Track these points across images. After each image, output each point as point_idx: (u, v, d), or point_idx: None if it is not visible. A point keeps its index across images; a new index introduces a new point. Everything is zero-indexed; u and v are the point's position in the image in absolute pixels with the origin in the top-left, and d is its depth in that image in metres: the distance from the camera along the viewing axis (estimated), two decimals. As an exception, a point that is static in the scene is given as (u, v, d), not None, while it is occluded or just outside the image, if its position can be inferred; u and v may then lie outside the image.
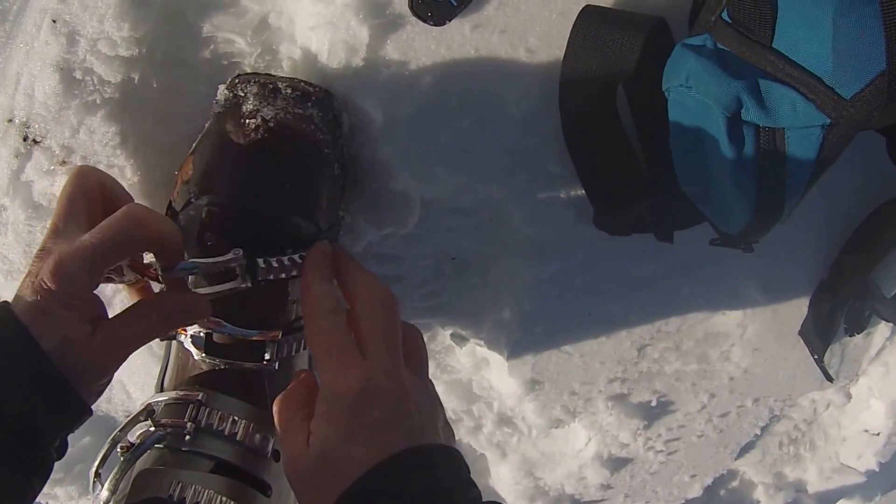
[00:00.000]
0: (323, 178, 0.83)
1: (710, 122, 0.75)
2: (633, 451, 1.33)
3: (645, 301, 1.12)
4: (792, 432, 1.48)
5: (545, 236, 1.02)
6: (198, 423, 0.76)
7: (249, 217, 0.78)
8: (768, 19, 0.70)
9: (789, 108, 0.70)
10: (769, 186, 0.75)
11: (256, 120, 0.78)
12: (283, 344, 0.81)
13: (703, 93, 0.74)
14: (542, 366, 1.15)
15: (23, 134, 0.88)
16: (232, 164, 0.78)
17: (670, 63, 0.80)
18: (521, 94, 0.91)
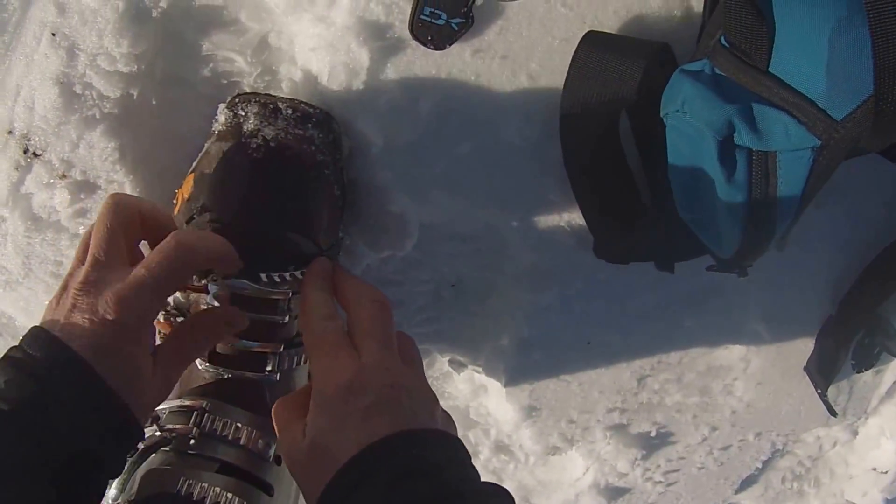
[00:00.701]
0: (323, 198, 0.83)
1: (703, 147, 0.75)
2: (630, 480, 1.31)
3: (646, 331, 1.11)
4: (796, 468, 1.46)
5: (545, 264, 1.01)
6: (203, 428, 0.77)
7: (251, 235, 0.78)
8: (764, 43, 0.69)
9: (782, 132, 0.69)
10: (760, 209, 0.74)
11: (258, 139, 0.78)
12: (285, 356, 0.83)
13: (697, 117, 0.73)
14: (539, 393, 1.14)
15: (23, 146, 0.87)
16: (233, 183, 0.79)
17: (668, 89, 0.79)
18: (522, 121, 0.90)
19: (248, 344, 0.80)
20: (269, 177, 0.79)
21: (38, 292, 0.97)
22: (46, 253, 0.94)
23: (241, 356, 0.81)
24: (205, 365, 0.80)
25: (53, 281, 0.96)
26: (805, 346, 1.19)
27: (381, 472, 0.59)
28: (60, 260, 0.94)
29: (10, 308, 1.02)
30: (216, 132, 0.83)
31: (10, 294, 0.98)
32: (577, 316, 1.06)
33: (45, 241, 0.93)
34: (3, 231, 0.93)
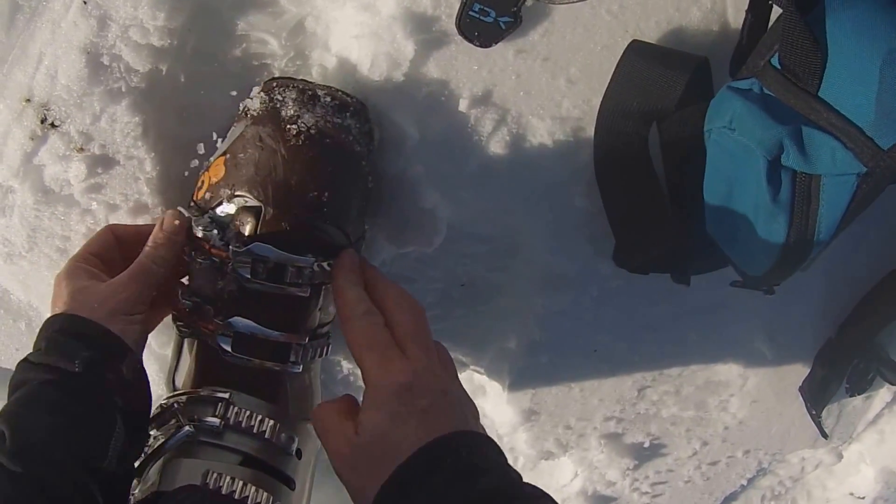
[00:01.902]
0: (357, 189, 0.83)
1: (749, 165, 0.75)
2: (618, 490, 1.32)
3: (651, 342, 1.12)
4: (776, 488, 1.48)
5: (561, 269, 1.01)
6: (226, 420, 0.77)
7: (282, 221, 0.78)
8: (818, 68, 0.70)
9: (828, 156, 0.70)
10: (800, 230, 0.75)
11: (297, 126, 0.77)
12: (308, 348, 0.83)
13: (747, 135, 0.74)
14: (541, 397, 1.14)
15: (41, 116, 0.85)
16: (270, 168, 0.78)
17: (714, 104, 0.80)
18: (556, 124, 0.90)
19: (271, 333, 0.80)
20: (307, 164, 0.78)
21: (41, 267, 0.95)
22: (54, 227, 0.91)
23: (264, 346, 0.80)
24: (229, 353, 0.80)
25: (58, 256, 0.93)
26: (802, 367, 1.20)
27: (445, 467, 0.61)
28: (68, 235, 0.92)
29: (8, 281, 1.00)
30: (250, 115, 0.81)
31: (10, 267, 0.96)
32: (588, 322, 1.07)
33: (55, 215, 0.91)
34: (10, 202, 0.91)
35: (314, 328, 0.84)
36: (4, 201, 0.90)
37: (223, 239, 0.79)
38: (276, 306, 0.80)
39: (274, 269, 0.78)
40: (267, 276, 0.78)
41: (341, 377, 1.10)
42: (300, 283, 0.79)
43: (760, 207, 0.76)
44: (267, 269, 0.78)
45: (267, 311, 0.80)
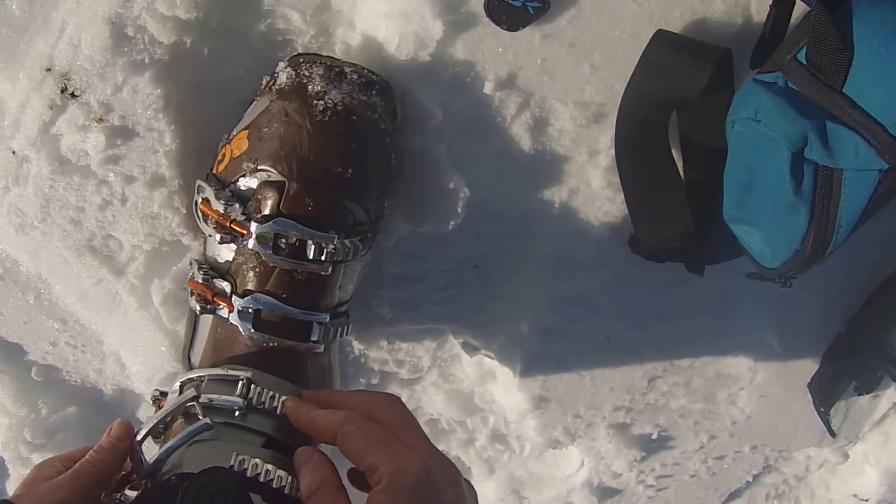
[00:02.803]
0: (381, 167, 0.86)
1: (772, 157, 0.79)
2: (623, 481, 1.35)
3: (663, 332, 1.15)
4: (780, 486, 1.51)
5: (575, 253, 1.04)
6: (249, 400, 0.78)
7: (306, 197, 0.80)
8: (843, 65, 0.73)
9: (851, 151, 0.74)
10: (821, 223, 0.79)
11: (324, 102, 0.80)
12: (329, 327, 0.85)
13: (772, 128, 0.78)
14: (551, 384, 1.17)
15: (61, 85, 0.88)
16: (295, 143, 0.80)
17: (739, 96, 0.84)
18: (579, 110, 0.93)
19: (293, 311, 0.83)
20: (333, 140, 0.80)
21: (53, 238, 0.97)
22: (69, 198, 0.94)
23: (285, 324, 0.83)
24: (249, 331, 0.82)
25: (71, 227, 0.96)
26: (811, 363, 1.23)
27: None
28: (82, 206, 0.95)
29: (18, 252, 1.03)
30: (276, 90, 0.84)
31: (21, 238, 0.98)
32: (601, 310, 1.10)
33: (70, 186, 0.93)
34: (24, 172, 0.93)
35: (334, 306, 0.87)
36: (19, 171, 0.93)
37: (245, 213, 0.82)
38: (297, 283, 0.82)
39: (296, 245, 0.81)
40: (288, 252, 0.81)
41: (353, 358, 1.13)
42: (322, 261, 0.82)
43: (782, 199, 0.80)
44: (289, 244, 0.81)
45: (287, 288, 0.82)
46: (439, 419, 1.26)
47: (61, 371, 1.19)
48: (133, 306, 1.03)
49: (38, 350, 1.16)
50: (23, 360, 1.18)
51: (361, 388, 0.89)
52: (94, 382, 1.19)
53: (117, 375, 1.18)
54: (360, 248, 0.85)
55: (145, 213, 0.95)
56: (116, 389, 1.21)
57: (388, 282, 1.04)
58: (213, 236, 0.84)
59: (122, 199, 0.94)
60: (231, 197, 0.83)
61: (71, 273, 1.02)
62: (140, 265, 1.00)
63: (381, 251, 1.00)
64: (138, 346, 1.08)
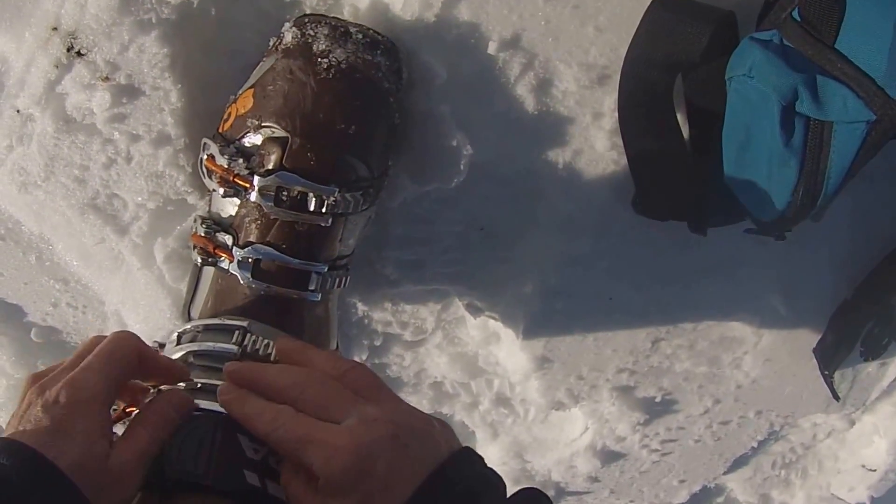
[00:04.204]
0: (384, 125, 0.92)
1: (765, 111, 0.85)
2: (627, 445, 1.40)
3: (668, 294, 1.19)
4: (787, 454, 1.55)
5: (580, 214, 1.09)
6: (244, 348, 0.85)
7: (308, 152, 0.87)
8: (835, 21, 0.80)
9: (840, 104, 0.81)
10: (811, 174, 0.85)
11: (328, 60, 0.86)
12: (328, 278, 0.92)
13: (764, 82, 0.84)
14: (554, 345, 1.22)
15: (67, 44, 0.93)
16: (299, 100, 0.87)
17: (736, 54, 0.89)
18: (582, 71, 0.98)
19: (291, 260, 0.89)
20: (336, 97, 0.87)
21: (56, 197, 1.02)
22: (73, 156, 0.99)
23: (284, 273, 0.90)
24: (248, 279, 0.89)
25: (75, 186, 1.01)
26: (817, 328, 1.28)
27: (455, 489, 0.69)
28: (87, 164, 0.99)
29: (21, 212, 1.07)
30: (281, 49, 0.90)
31: (24, 197, 1.03)
32: (605, 270, 1.14)
33: (75, 144, 0.98)
34: (29, 131, 0.98)
35: (334, 259, 0.93)
36: (23, 130, 0.98)
37: (248, 167, 0.88)
38: (297, 235, 0.89)
39: (297, 197, 0.87)
40: (290, 204, 0.87)
41: (356, 319, 1.18)
42: (322, 213, 0.88)
43: (774, 153, 0.86)
44: (290, 197, 0.87)
45: (288, 240, 0.89)
46: (443, 382, 1.31)
47: (61, 332, 1.23)
48: (136, 265, 1.07)
49: (38, 311, 1.21)
50: (22, 322, 1.22)
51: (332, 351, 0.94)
52: (94, 344, 1.23)
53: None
54: (360, 202, 0.91)
55: (150, 172, 1.00)
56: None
57: (393, 243, 1.09)
58: (217, 191, 0.90)
59: (126, 158, 0.99)
60: (235, 153, 0.89)
61: (73, 232, 1.06)
62: (144, 224, 1.04)
63: (386, 212, 1.05)
64: (140, 305, 1.12)
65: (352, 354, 1.22)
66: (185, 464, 0.72)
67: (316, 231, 0.90)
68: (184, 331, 0.90)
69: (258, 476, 0.74)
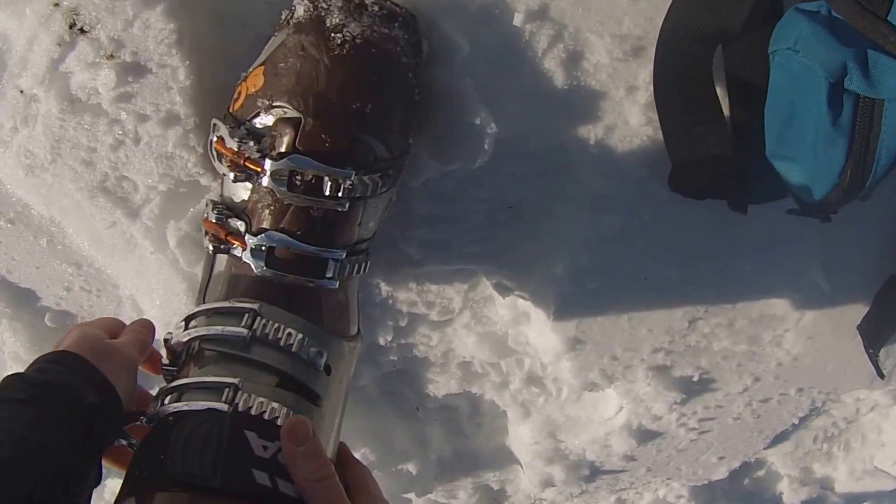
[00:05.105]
0: (403, 102, 0.87)
1: (811, 87, 0.80)
2: (664, 424, 1.37)
3: (705, 272, 1.15)
4: (829, 429, 1.53)
5: (613, 191, 1.05)
6: (253, 332, 0.81)
7: (322, 133, 0.82)
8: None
9: (893, 80, 0.75)
10: (859, 155, 0.80)
11: (342, 35, 0.81)
12: (346, 264, 0.87)
13: (811, 57, 0.79)
14: (586, 325, 1.19)
15: (70, 21, 0.89)
16: (312, 78, 0.82)
17: (780, 26, 0.84)
18: (615, 43, 0.94)
19: (307, 248, 0.85)
20: (351, 74, 0.82)
21: (64, 179, 0.99)
22: (80, 137, 0.96)
23: (299, 261, 0.85)
24: (262, 268, 0.84)
25: (82, 168, 0.98)
26: (861, 305, 1.23)
27: None
28: (94, 146, 0.96)
29: (29, 195, 1.05)
30: (293, 23, 0.85)
31: (31, 180, 1.00)
32: (639, 248, 1.11)
33: (81, 125, 0.95)
34: (33, 112, 0.95)
35: (352, 244, 0.89)
36: (28, 111, 0.95)
37: (259, 150, 0.83)
38: (313, 221, 0.84)
39: (312, 181, 0.82)
40: (304, 188, 0.83)
41: (380, 300, 1.15)
42: (339, 197, 0.83)
43: (821, 131, 0.81)
44: (304, 181, 0.82)
45: (303, 226, 0.84)
46: (472, 362, 1.28)
47: (76, 317, 1.21)
48: (149, 249, 1.05)
49: (51, 296, 1.19)
50: (36, 307, 1.20)
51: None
52: (112, 328, 1.21)
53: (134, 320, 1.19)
54: (379, 185, 0.86)
55: (160, 153, 0.96)
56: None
57: (417, 222, 1.06)
58: (228, 175, 0.86)
59: (135, 139, 0.95)
60: (246, 135, 0.84)
61: (84, 216, 1.04)
62: (155, 207, 1.01)
63: (408, 191, 1.01)
64: (155, 290, 1.10)
65: (376, 335, 1.19)
66: (189, 465, 0.69)
67: (332, 216, 0.85)
68: (192, 314, 0.86)
69: (268, 475, 0.71)
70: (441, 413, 1.40)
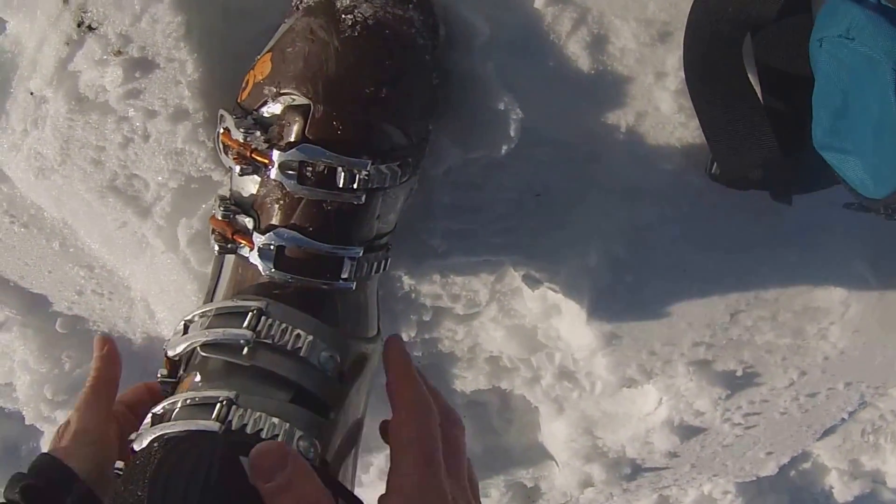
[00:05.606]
0: (421, 86, 0.83)
1: (871, 77, 0.74)
2: (707, 420, 1.33)
3: (746, 264, 1.11)
4: (877, 421, 1.49)
5: (647, 180, 1.01)
6: (258, 333, 0.76)
7: (334, 120, 0.77)
8: None
9: None
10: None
11: (353, 16, 0.77)
12: (363, 262, 0.82)
13: (870, 45, 0.73)
14: (623, 319, 1.16)
15: (78, 18, 0.87)
16: (321, 62, 0.77)
17: (826, 12, 0.78)
18: (641, 27, 0.90)
19: (320, 246, 0.79)
20: (364, 58, 0.77)
21: (74, 180, 0.97)
22: (88, 137, 0.93)
23: (313, 260, 0.80)
24: (270, 270, 0.79)
25: (92, 168, 0.96)
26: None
27: None
28: (103, 145, 0.94)
29: (41, 198, 1.04)
30: (303, 7, 0.80)
31: (42, 182, 0.99)
32: (676, 239, 1.07)
33: (89, 124, 0.93)
34: (42, 113, 0.93)
35: (371, 239, 0.84)
36: (37, 112, 0.93)
37: (267, 141, 0.79)
38: (327, 215, 0.79)
39: (324, 173, 0.77)
40: (316, 181, 0.78)
41: (402, 294, 1.12)
42: (354, 189, 0.78)
43: (886, 124, 0.74)
44: (316, 173, 0.77)
45: (315, 222, 0.79)
46: (500, 356, 1.25)
47: (87, 321, 1.21)
48: (160, 249, 1.03)
49: (63, 301, 1.18)
50: (48, 312, 1.20)
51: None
52: (122, 331, 1.20)
53: (146, 323, 1.18)
54: (398, 174, 0.81)
55: (169, 149, 0.94)
56: (146, 338, 1.22)
57: (440, 212, 1.02)
58: (234, 168, 0.81)
59: (143, 136, 0.93)
60: (253, 125, 0.80)
61: (95, 216, 1.02)
62: (166, 204, 0.99)
63: (430, 180, 0.98)
64: (166, 291, 1.08)
65: (399, 330, 1.16)
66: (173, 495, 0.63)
67: (348, 210, 0.80)
68: (191, 318, 0.81)
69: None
70: (469, 409, 1.37)
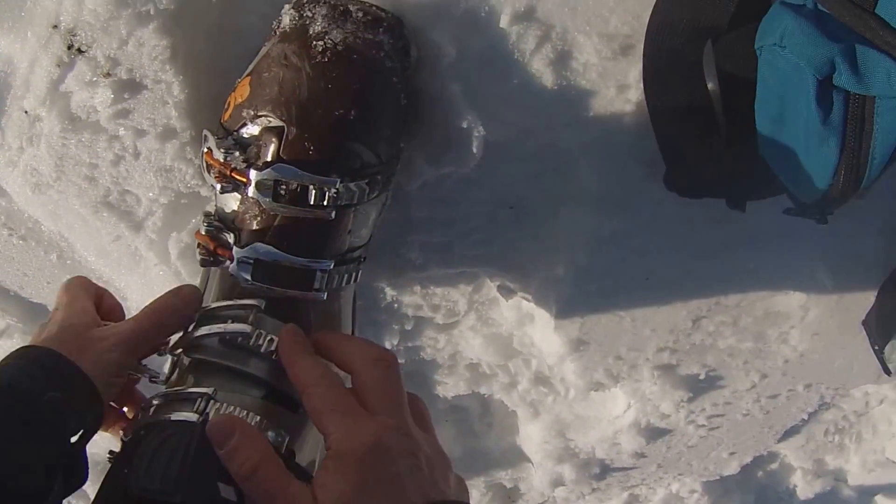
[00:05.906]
0: (388, 107, 0.85)
1: (799, 85, 0.76)
2: (673, 422, 1.35)
3: (707, 271, 1.13)
4: (840, 422, 1.51)
5: (610, 191, 1.03)
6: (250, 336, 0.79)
7: (305, 141, 0.80)
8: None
9: (883, 76, 0.71)
10: (852, 154, 0.76)
11: (324, 42, 0.79)
12: (334, 274, 0.85)
13: (797, 53, 0.75)
14: (589, 326, 1.17)
15: (67, 42, 0.88)
16: (294, 86, 0.80)
17: (766, 21, 0.80)
18: (603, 42, 0.92)
19: (294, 259, 0.83)
20: (333, 82, 0.80)
21: (69, 196, 0.99)
22: (81, 155, 0.95)
23: (287, 272, 0.83)
24: (247, 281, 0.83)
25: (86, 184, 0.98)
26: (866, 300, 1.21)
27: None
28: (95, 162, 0.96)
29: (38, 212, 1.05)
30: (279, 33, 0.83)
31: (39, 197, 1.00)
32: (639, 249, 1.09)
33: (81, 143, 0.94)
34: (37, 131, 0.94)
35: (343, 253, 0.87)
36: (32, 130, 0.94)
37: (245, 160, 0.82)
38: (300, 231, 0.82)
39: (296, 191, 0.80)
40: (289, 198, 0.80)
41: (385, 304, 1.14)
42: (325, 206, 0.81)
43: (811, 130, 0.77)
44: (289, 191, 0.80)
45: (289, 237, 0.82)
46: (479, 363, 1.27)
47: None
48: (153, 261, 1.04)
49: None
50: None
51: (363, 338, 0.88)
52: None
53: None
54: (367, 192, 0.84)
55: (159, 167, 0.96)
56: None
57: (417, 226, 1.04)
58: (216, 186, 0.84)
59: (134, 154, 0.95)
60: (233, 145, 0.83)
61: (90, 231, 1.04)
62: (158, 219, 1.01)
63: (406, 195, 1.00)
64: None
65: (382, 339, 1.18)
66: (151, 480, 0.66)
67: (319, 225, 0.83)
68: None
69: (235, 488, 0.67)
70: (451, 414, 1.39)
